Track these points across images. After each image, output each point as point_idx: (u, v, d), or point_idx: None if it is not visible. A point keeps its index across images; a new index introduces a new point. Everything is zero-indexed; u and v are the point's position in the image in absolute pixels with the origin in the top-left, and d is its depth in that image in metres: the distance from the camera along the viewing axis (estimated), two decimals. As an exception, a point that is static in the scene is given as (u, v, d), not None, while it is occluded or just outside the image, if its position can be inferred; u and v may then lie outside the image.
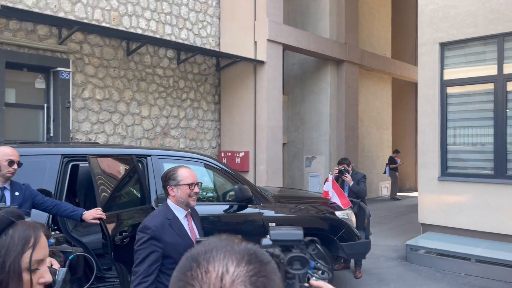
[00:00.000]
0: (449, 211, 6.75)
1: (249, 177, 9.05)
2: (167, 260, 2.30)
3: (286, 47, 10.13)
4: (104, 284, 3.65)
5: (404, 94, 16.27)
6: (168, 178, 2.44)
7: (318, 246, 1.33)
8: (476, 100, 6.80)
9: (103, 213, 3.14)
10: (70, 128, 7.40)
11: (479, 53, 6.71)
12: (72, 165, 3.80)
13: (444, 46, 6.94)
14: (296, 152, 12.10)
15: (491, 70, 6.53)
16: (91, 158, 3.35)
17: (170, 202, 2.46)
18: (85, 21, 7.56)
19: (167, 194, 2.47)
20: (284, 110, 11.31)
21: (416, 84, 8.52)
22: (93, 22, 7.74)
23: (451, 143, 6.99)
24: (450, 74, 6.96)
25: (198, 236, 2.50)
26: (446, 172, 6.93)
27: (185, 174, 2.44)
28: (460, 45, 6.83)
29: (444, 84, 6.95)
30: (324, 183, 5.36)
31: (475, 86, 6.81)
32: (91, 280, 3.09)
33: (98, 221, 3.14)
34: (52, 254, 1.93)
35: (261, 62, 9.38)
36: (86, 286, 3.18)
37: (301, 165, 11.95)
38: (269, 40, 9.34)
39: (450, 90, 6.96)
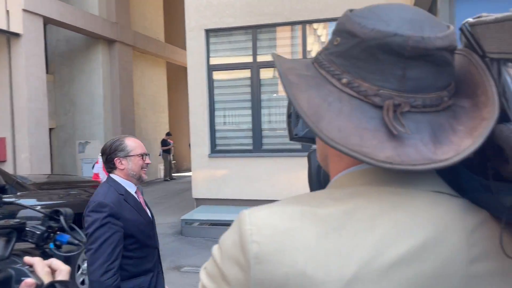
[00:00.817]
0: (219, 184, 7.43)
1: (7, 167, 7.84)
2: (128, 240, 2.04)
3: (48, 21, 9.08)
4: None
5: (179, 78, 16.90)
6: (114, 150, 2.18)
7: (62, 219, 1.24)
8: (237, 85, 7.62)
9: None
10: None
11: (239, 42, 7.51)
12: None
13: (209, 33, 7.49)
14: (67, 138, 11.10)
15: (248, 58, 7.41)
16: None
17: (117, 177, 2.20)
18: None
19: (113, 168, 2.20)
20: (50, 91, 10.19)
21: (187, 68, 8.96)
22: None
23: (219, 123, 7.66)
24: (216, 59, 7.58)
25: (149, 214, 2.27)
26: (215, 150, 7.58)
27: (133, 144, 2.25)
28: (223, 33, 7.49)
29: (211, 68, 7.53)
30: (93, 166, 5.11)
31: (236, 72, 7.61)
32: None
33: None
34: None
35: (17, 35, 8.14)
36: None
37: (73, 151, 11.06)
38: (25, 11, 8.17)
39: (216, 75, 7.59)
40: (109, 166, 2.23)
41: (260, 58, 7.35)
